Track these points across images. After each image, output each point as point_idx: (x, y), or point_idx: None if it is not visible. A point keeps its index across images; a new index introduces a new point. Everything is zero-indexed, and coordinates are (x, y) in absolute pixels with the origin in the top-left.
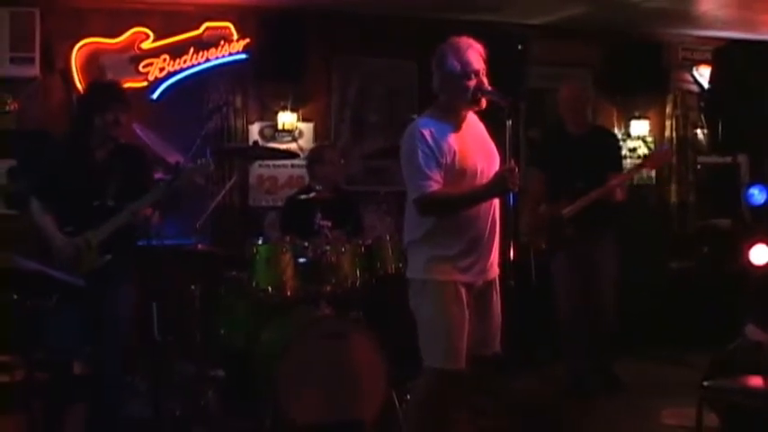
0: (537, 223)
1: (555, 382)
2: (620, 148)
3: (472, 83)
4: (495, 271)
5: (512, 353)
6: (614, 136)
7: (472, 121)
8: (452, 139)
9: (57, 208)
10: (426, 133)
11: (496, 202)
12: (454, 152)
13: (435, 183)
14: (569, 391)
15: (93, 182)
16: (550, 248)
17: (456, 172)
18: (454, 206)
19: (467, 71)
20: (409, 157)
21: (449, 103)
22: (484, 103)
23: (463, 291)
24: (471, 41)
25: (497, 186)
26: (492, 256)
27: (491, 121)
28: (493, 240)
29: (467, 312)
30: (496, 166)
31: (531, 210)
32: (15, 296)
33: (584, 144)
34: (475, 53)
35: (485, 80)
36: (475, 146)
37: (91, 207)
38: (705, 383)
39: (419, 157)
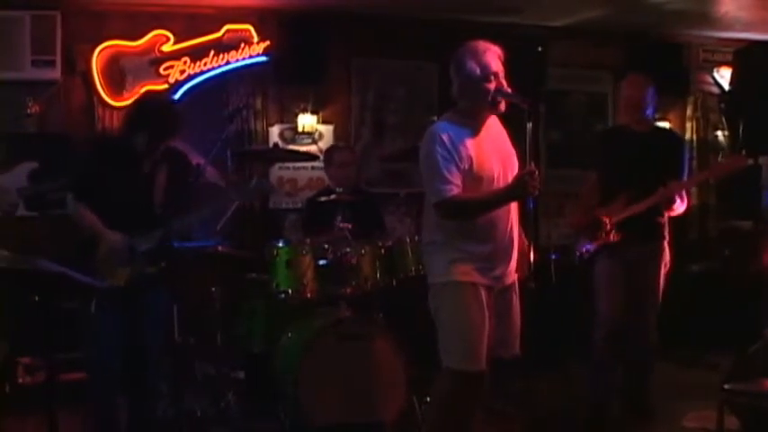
0: (581, 226)
1: (575, 384)
2: (681, 152)
3: (492, 85)
4: (514, 274)
5: (531, 354)
6: (677, 138)
7: (492, 124)
8: (469, 145)
9: (99, 212)
10: (445, 137)
11: (515, 205)
12: (471, 158)
13: (455, 187)
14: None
15: (139, 189)
16: (592, 253)
17: (473, 178)
18: (474, 210)
19: (486, 74)
20: (428, 161)
21: (469, 108)
22: (503, 105)
23: (483, 292)
24: (488, 44)
25: (517, 190)
26: (511, 260)
27: (511, 123)
28: (512, 244)
29: (487, 314)
30: (515, 169)
31: (580, 212)
32: (37, 298)
33: (645, 144)
34: (493, 55)
35: (504, 82)
36: (491, 151)
37: (137, 215)
38: (726, 386)
39: (438, 162)
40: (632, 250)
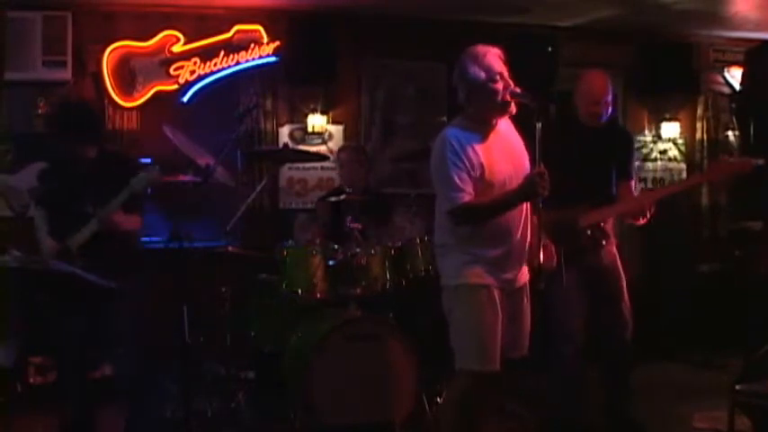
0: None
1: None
2: (632, 151)
3: (499, 86)
4: (525, 275)
5: (540, 355)
6: (628, 134)
7: (502, 126)
8: (480, 151)
9: (48, 214)
10: (456, 144)
11: (527, 206)
12: (482, 165)
13: (467, 194)
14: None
15: (74, 189)
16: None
17: (485, 184)
18: (487, 214)
19: (491, 75)
20: (440, 169)
21: (478, 113)
22: (514, 107)
23: (496, 293)
24: (487, 47)
25: (527, 190)
26: (523, 263)
27: (520, 124)
28: (524, 245)
29: (500, 315)
30: (526, 170)
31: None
32: (48, 298)
33: (597, 140)
34: (494, 56)
35: (510, 82)
36: (502, 154)
37: (71, 214)
38: (737, 387)
39: (450, 169)
40: (589, 255)
